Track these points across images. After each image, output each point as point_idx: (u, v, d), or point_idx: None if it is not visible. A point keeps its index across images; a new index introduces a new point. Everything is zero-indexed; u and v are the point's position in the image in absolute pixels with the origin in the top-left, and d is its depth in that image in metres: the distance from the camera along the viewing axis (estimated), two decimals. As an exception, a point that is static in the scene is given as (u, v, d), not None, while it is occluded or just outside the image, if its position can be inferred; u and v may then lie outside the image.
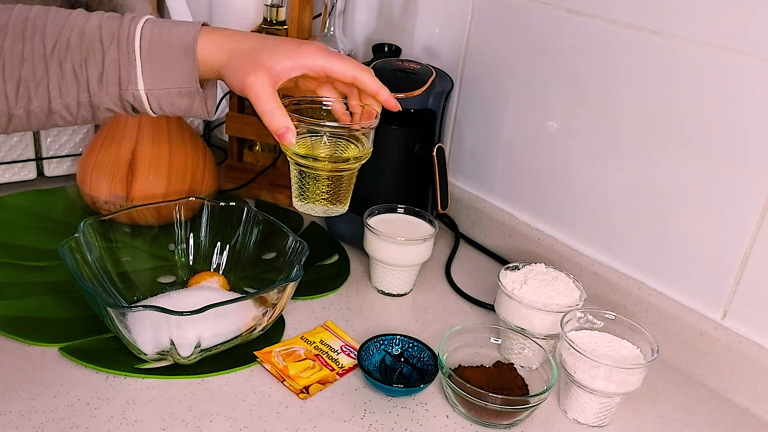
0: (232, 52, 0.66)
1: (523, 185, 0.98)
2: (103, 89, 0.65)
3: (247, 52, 0.65)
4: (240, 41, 0.67)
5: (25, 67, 0.63)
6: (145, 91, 0.66)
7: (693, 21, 0.74)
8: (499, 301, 0.79)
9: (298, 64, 0.66)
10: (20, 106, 0.64)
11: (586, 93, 0.87)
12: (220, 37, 0.67)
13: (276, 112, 0.65)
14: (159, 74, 0.65)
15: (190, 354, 0.68)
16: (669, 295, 0.82)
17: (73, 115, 0.66)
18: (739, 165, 0.73)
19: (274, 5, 1.05)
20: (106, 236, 0.78)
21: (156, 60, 0.65)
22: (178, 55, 0.65)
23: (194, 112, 0.69)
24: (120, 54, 0.64)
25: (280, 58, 0.65)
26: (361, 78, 0.69)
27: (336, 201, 0.71)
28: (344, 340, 0.77)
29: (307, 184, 0.70)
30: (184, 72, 0.66)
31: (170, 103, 0.67)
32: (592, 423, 0.70)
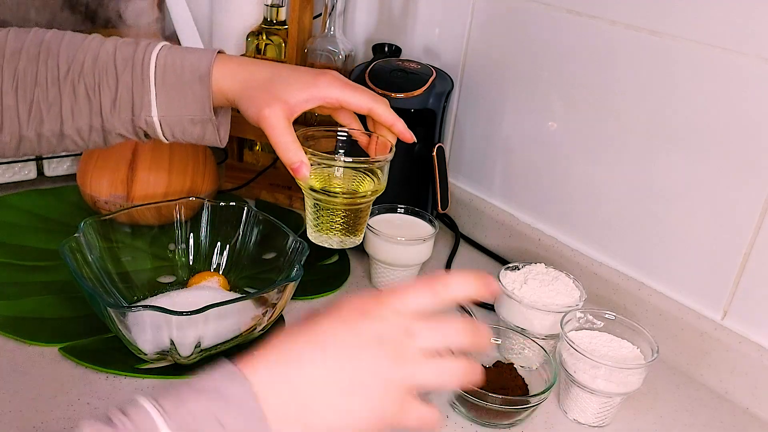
0: (246, 82, 0.65)
1: (523, 185, 0.98)
2: (116, 114, 0.65)
3: (261, 82, 0.65)
4: (254, 71, 0.66)
5: (38, 89, 0.63)
6: (158, 118, 0.66)
7: (693, 21, 0.74)
8: (499, 301, 0.79)
9: (314, 96, 0.65)
10: (31, 128, 0.64)
11: (586, 93, 0.87)
12: (234, 66, 0.66)
13: (290, 146, 0.64)
14: (173, 101, 0.65)
15: (190, 354, 0.68)
16: (669, 295, 0.82)
17: (84, 140, 0.66)
18: (739, 165, 0.73)
19: (274, 5, 1.05)
20: (106, 236, 0.78)
21: (170, 87, 0.65)
22: (193, 82, 0.65)
23: (206, 140, 0.69)
24: (134, 80, 0.64)
25: (295, 90, 0.65)
26: (377, 110, 0.68)
27: (351, 233, 0.71)
28: (344, 340, 0.77)
29: (322, 216, 0.70)
30: (197, 100, 0.65)
31: (182, 130, 0.67)
32: (592, 423, 0.70)
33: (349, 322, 0.48)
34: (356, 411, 0.46)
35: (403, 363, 0.47)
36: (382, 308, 0.48)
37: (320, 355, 0.46)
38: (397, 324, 0.48)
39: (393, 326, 0.48)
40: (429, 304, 0.49)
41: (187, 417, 0.41)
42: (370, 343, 0.47)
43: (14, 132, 0.64)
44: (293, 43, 1.04)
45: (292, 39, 1.04)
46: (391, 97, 0.90)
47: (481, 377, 0.51)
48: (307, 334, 0.48)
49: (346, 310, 0.49)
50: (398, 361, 0.47)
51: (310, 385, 0.45)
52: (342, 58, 1.05)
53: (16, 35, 0.65)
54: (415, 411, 0.48)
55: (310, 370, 0.46)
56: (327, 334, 0.48)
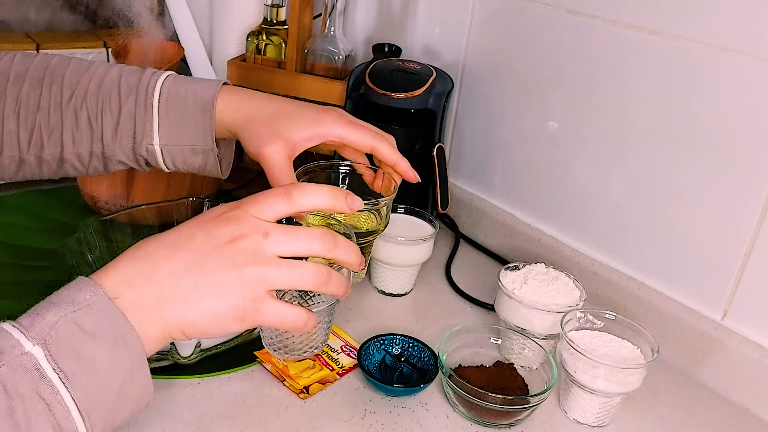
0: (249, 116, 0.65)
1: (523, 185, 0.98)
2: (117, 141, 0.65)
3: (265, 118, 0.65)
4: (259, 105, 0.66)
5: (40, 114, 0.63)
6: (159, 146, 0.66)
7: (693, 21, 0.74)
8: (499, 301, 0.79)
9: (317, 134, 0.66)
10: (32, 152, 0.64)
11: (586, 93, 0.87)
12: (239, 99, 0.66)
13: None
14: (175, 130, 0.65)
15: (190, 354, 0.68)
16: (669, 295, 0.82)
17: (85, 165, 0.66)
18: (740, 165, 0.73)
19: (275, 5, 1.05)
20: (106, 236, 0.78)
21: (173, 116, 0.65)
22: (196, 112, 0.65)
23: (207, 170, 0.69)
24: (137, 107, 0.64)
25: (299, 128, 0.65)
26: (380, 149, 0.68)
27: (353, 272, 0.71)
28: (344, 340, 0.77)
29: None
30: (200, 130, 0.65)
31: (183, 159, 0.67)
32: (592, 423, 0.70)
33: (205, 226, 0.50)
34: (210, 306, 0.48)
35: (256, 262, 0.49)
36: (239, 213, 0.50)
37: (174, 254, 0.49)
38: (253, 226, 0.49)
39: (249, 228, 0.49)
40: (285, 210, 0.51)
41: (45, 328, 0.46)
42: (224, 243, 0.49)
43: (14, 155, 0.64)
44: (293, 43, 1.04)
45: (292, 39, 1.04)
46: (391, 97, 0.90)
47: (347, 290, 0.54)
48: (163, 238, 0.50)
49: (204, 217, 0.50)
50: (252, 261, 0.49)
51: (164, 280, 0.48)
52: (342, 58, 1.05)
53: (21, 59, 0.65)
54: (274, 309, 0.50)
55: (164, 267, 0.48)
56: (182, 236, 0.50)
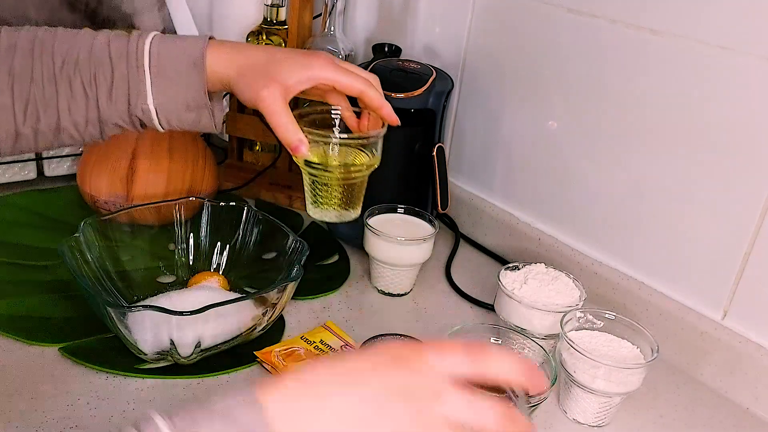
0: (241, 66, 0.66)
1: (523, 185, 0.98)
2: (112, 105, 0.65)
3: (257, 66, 0.66)
4: (248, 55, 0.67)
5: (34, 86, 0.63)
6: (154, 106, 0.66)
7: (693, 20, 0.74)
8: (499, 301, 0.79)
9: (309, 77, 0.67)
10: (28, 125, 0.64)
11: (586, 92, 0.87)
12: (228, 51, 0.67)
13: (289, 127, 0.66)
14: (168, 88, 0.66)
15: (190, 354, 0.68)
16: (669, 295, 0.82)
17: (81, 133, 0.67)
18: (740, 165, 0.73)
19: (274, 5, 1.05)
20: (106, 236, 0.78)
21: (165, 75, 0.66)
22: (187, 69, 0.66)
23: (202, 126, 0.69)
24: (129, 70, 0.65)
25: (291, 72, 0.66)
26: (367, 93, 0.70)
27: (348, 206, 0.73)
28: (344, 340, 0.77)
29: (320, 191, 0.71)
30: (193, 86, 0.66)
31: (178, 117, 0.68)
32: (592, 423, 0.70)
33: (379, 367, 0.46)
34: None
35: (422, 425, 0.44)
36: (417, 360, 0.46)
37: (341, 393, 0.44)
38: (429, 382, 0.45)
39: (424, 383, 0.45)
40: (466, 371, 0.46)
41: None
42: (395, 394, 0.44)
43: (10, 130, 0.64)
44: (293, 42, 1.04)
45: (292, 39, 1.04)
46: (391, 97, 0.90)
47: None
48: (333, 368, 0.46)
49: (380, 354, 0.47)
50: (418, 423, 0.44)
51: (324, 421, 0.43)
52: (342, 57, 1.05)
53: (8, 33, 0.65)
54: None
55: (328, 405, 0.44)
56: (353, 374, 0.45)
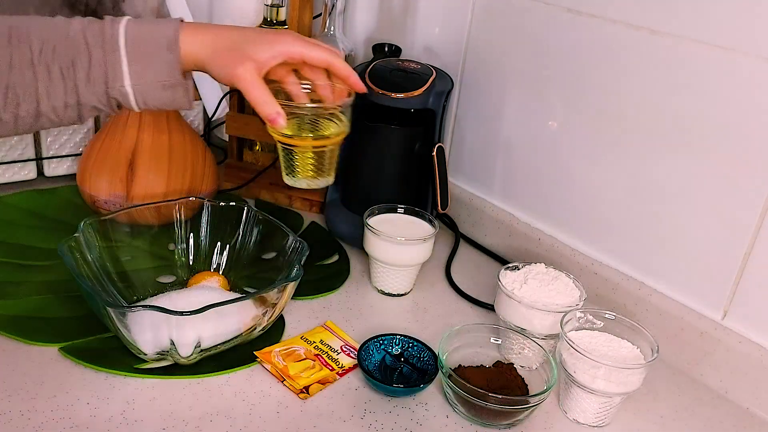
0: (215, 45, 0.70)
1: (523, 185, 0.98)
2: (90, 89, 0.68)
3: (230, 45, 0.70)
4: (220, 34, 0.71)
5: (13, 73, 0.65)
6: (131, 87, 0.69)
7: (693, 20, 0.74)
8: (499, 301, 0.79)
9: (280, 52, 0.71)
10: (9, 111, 0.66)
11: (586, 92, 0.87)
12: (201, 32, 0.70)
13: (267, 99, 0.70)
14: (144, 69, 0.68)
15: (190, 354, 0.68)
16: (669, 295, 0.82)
17: (60, 117, 0.69)
18: (740, 165, 0.73)
19: (274, 5, 1.05)
20: (105, 236, 0.78)
21: (141, 57, 0.68)
22: (162, 50, 0.68)
23: (176, 104, 0.72)
24: (105, 54, 0.67)
25: (263, 49, 0.70)
26: (335, 63, 0.73)
27: (322, 173, 0.78)
28: (344, 340, 0.77)
29: (295, 160, 0.76)
30: (168, 66, 0.69)
31: (154, 96, 0.70)
32: (592, 423, 0.70)
33: None
34: None
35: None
36: None
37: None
38: None
39: None
40: None
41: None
42: None
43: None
44: (293, 42, 1.04)
45: (292, 39, 1.03)
46: (391, 97, 0.90)
47: None
48: None
49: None
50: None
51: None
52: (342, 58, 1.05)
53: None
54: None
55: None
56: None
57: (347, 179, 1.01)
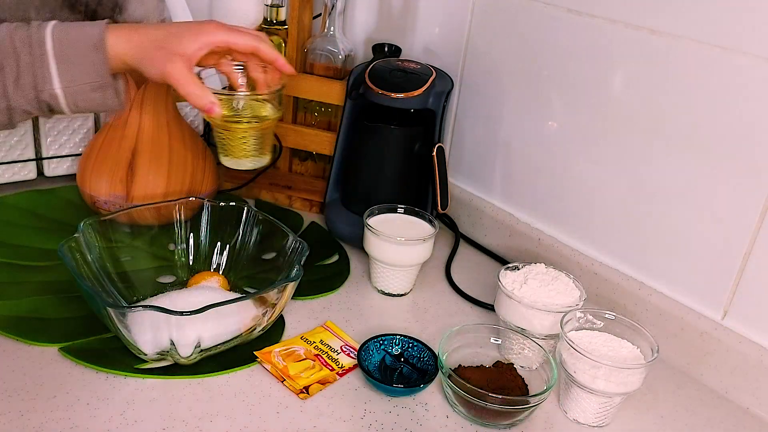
0: (141, 45, 0.71)
1: (523, 185, 0.98)
2: (20, 93, 0.69)
3: (156, 43, 0.71)
4: (146, 33, 0.72)
5: None
6: (61, 90, 0.70)
7: (693, 20, 0.74)
8: (499, 301, 0.79)
9: (205, 43, 0.72)
10: None
11: (586, 93, 0.87)
12: (127, 32, 0.72)
13: (199, 92, 0.72)
14: (72, 71, 0.69)
15: (190, 354, 0.68)
16: (669, 295, 0.82)
17: None
18: (740, 165, 0.73)
19: (274, 5, 1.05)
20: (105, 236, 0.78)
21: (68, 59, 0.69)
22: (89, 51, 0.69)
23: (108, 104, 0.73)
24: (33, 58, 0.68)
25: (189, 42, 0.71)
26: (261, 48, 0.76)
27: (258, 154, 0.82)
28: (344, 340, 0.77)
29: (232, 143, 0.80)
30: (96, 66, 0.70)
31: (84, 98, 0.71)
32: (592, 423, 0.70)
33: None
34: None
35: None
36: None
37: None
38: None
39: None
40: None
41: None
42: None
43: None
44: (293, 42, 1.04)
45: (292, 39, 1.04)
46: (390, 97, 0.90)
47: None
48: None
49: None
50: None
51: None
52: (342, 57, 1.05)
53: None
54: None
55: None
56: None
57: (347, 179, 1.01)
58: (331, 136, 1.05)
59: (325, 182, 1.09)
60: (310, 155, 1.14)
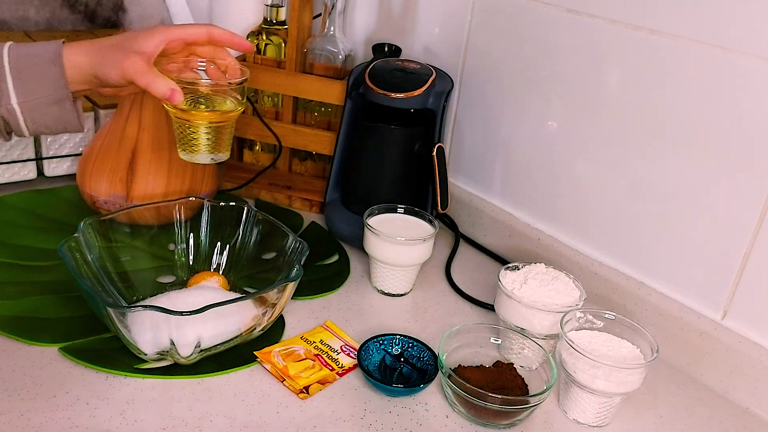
0: (98, 51, 0.72)
1: (523, 185, 0.98)
2: None
3: (112, 46, 0.72)
4: (102, 41, 0.73)
5: None
6: (18, 105, 0.70)
7: (693, 20, 0.74)
8: (499, 301, 0.79)
9: (161, 39, 0.74)
10: None
11: (585, 92, 0.87)
12: (83, 44, 0.73)
13: (158, 80, 0.72)
14: (29, 86, 0.70)
15: (190, 354, 0.68)
16: (669, 295, 0.82)
17: None
18: (740, 165, 0.73)
19: (274, 5, 1.05)
20: (105, 236, 0.78)
21: (25, 73, 0.70)
22: (46, 65, 0.70)
23: (65, 121, 0.73)
24: None
25: (144, 41, 0.73)
26: (214, 33, 0.77)
27: (218, 150, 0.80)
28: (344, 340, 0.77)
29: (191, 136, 0.78)
30: (52, 80, 0.70)
31: (42, 113, 0.72)
32: (592, 423, 0.70)
33: None
34: None
35: None
36: None
37: None
38: None
39: None
40: None
41: None
42: None
43: None
44: (293, 42, 1.04)
45: (292, 39, 1.04)
46: (390, 96, 0.90)
47: None
48: None
49: None
50: None
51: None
52: (342, 57, 1.05)
53: None
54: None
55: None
56: None
57: (347, 179, 1.01)
58: (331, 136, 1.05)
59: (325, 182, 1.09)
60: (310, 155, 1.14)
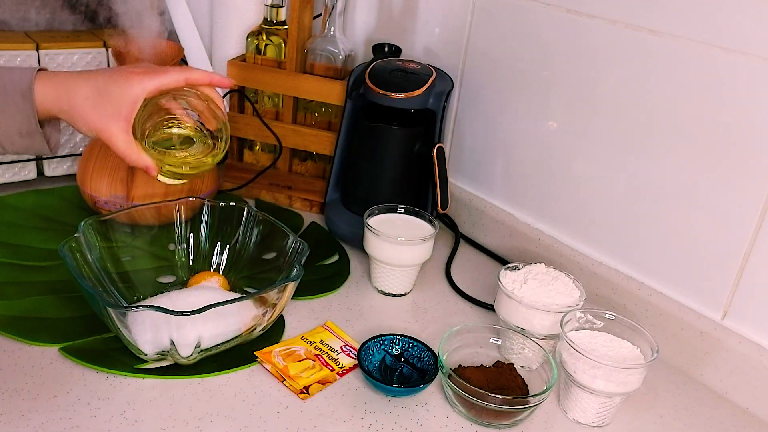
0: (69, 102, 0.70)
1: (523, 185, 0.98)
2: None
3: (86, 102, 0.70)
4: (74, 89, 0.70)
5: None
6: None
7: (693, 21, 0.74)
8: (499, 301, 0.79)
9: (137, 99, 0.71)
10: None
11: (585, 93, 0.87)
12: (55, 84, 0.70)
13: (134, 157, 0.72)
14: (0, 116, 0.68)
15: (190, 354, 0.68)
16: (669, 295, 0.82)
17: None
18: (740, 165, 0.73)
19: (274, 5, 1.05)
20: (106, 236, 0.78)
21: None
22: (16, 97, 0.68)
23: (35, 150, 0.73)
24: None
25: (120, 105, 0.70)
26: (191, 77, 0.75)
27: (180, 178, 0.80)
28: (344, 340, 0.77)
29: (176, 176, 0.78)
30: (22, 114, 0.69)
31: (12, 142, 0.71)
32: (592, 423, 0.70)
33: None
34: None
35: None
36: None
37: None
38: None
39: None
40: None
41: None
42: None
43: None
44: (293, 43, 1.04)
45: (292, 39, 1.04)
46: (390, 97, 0.90)
47: None
48: None
49: None
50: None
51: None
52: (342, 58, 1.05)
53: None
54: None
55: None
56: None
57: (347, 179, 1.01)
58: (331, 136, 1.06)
59: (325, 182, 1.09)
60: (310, 155, 1.14)
